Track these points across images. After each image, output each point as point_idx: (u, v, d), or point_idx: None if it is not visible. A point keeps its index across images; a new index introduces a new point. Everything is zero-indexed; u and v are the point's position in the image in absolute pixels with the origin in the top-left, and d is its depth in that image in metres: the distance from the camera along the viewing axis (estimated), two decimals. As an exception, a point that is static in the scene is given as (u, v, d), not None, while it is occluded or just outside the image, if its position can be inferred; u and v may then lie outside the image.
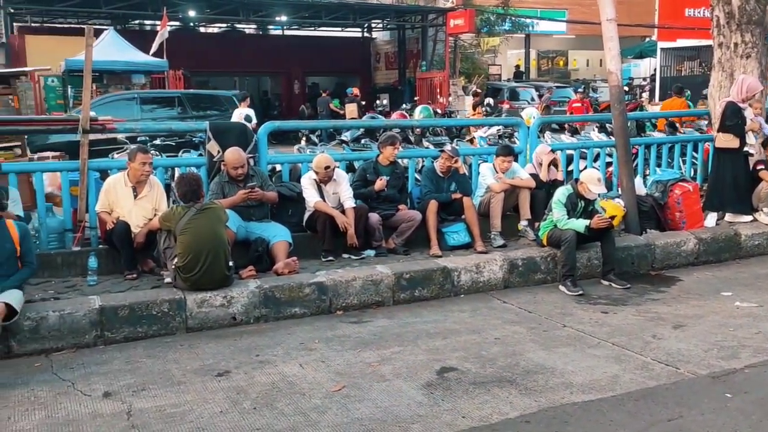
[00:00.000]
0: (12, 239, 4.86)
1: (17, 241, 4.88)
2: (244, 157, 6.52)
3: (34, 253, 5.09)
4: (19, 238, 4.89)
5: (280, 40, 30.75)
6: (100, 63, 15.03)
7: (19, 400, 4.06)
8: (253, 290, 5.60)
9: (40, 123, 6.92)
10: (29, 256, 4.98)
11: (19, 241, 4.89)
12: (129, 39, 19.58)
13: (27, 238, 4.99)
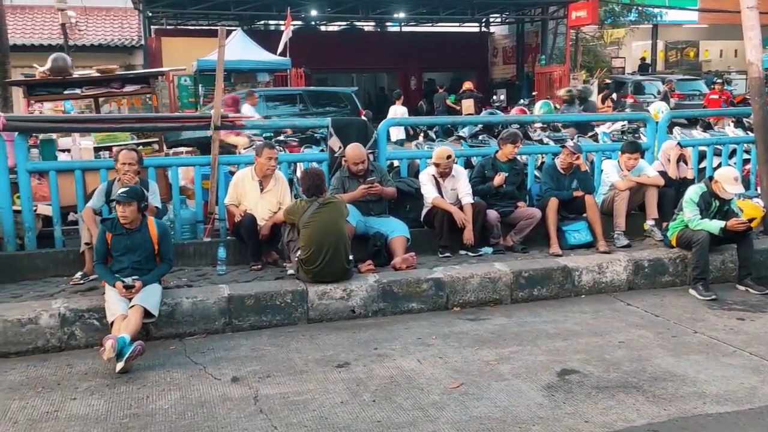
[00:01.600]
0: (152, 239, 5.18)
1: (156, 240, 5.19)
2: (365, 153, 6.62)
3: (172, 251, 5.39)
4: (158, 237, 5.19)
5: (397, 36, 31.01)
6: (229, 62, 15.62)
7: (156, 381, 4.34)
8: (371, 284, 5.69)
9: (176, 120, 7.35)
10: (168, 254, 5.28)
11: (158, 240, 5.20)
12: (255, 39, 20.40)
13: (166, 237, 5.27)
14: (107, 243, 5.13)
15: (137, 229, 5.14)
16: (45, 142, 6.80)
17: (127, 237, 5.11)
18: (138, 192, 5.14)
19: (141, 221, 5.17)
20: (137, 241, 5.13)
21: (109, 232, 5.12)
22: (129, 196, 5.04)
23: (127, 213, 5.03)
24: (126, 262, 5.10)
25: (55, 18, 20.33)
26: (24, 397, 4.12)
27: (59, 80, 7.66)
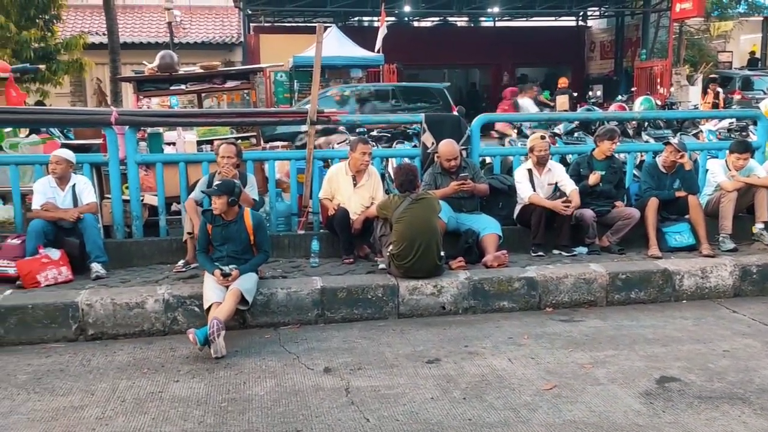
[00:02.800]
0: (247, 230, 5.34)
1: (251, 231, 5.35)
2: (458, 149, 6.59)
3: (268, 241, 5.53)
4: (253, 228, 5.35)
5: (490, 31, 30.64)
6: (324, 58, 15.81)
7: (252, 368, 4.48)
8: (462, 281, 5.66)
9: (274, 115, 7.54)
10: (264, 245, 5.43)
11: (253, 230, 5.36)
12: (348, 35, 20.66)
13: (261, 228, 5.42)
14: (208, 233, 5.34)
15: (234, 220, 5.32)
16: (152, 136, 7.13)
17: (225, 228, 5.30)
18: (229, 186, 5.29)
19: (237, 213, 5.34)
20: (234, 232, 5.31)
21: (209, 223, 5.33)
22: (219, 190, 5.22)
23: (218, 205, 5.21)
24: (224, 251, 5.29)
25: (162, 17, 21.28)
26: (131, 377, 4.34)
27: (166, 77, 8.02)
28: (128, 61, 18.38)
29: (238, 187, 5.40)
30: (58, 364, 4.57)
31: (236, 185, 5.38)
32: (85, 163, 6.58)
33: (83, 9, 23.24)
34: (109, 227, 6.63)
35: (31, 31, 14.47)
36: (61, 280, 5.68)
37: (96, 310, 5.11)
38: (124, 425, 3.67)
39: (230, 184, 5.33)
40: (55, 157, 6.07)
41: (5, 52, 13.82)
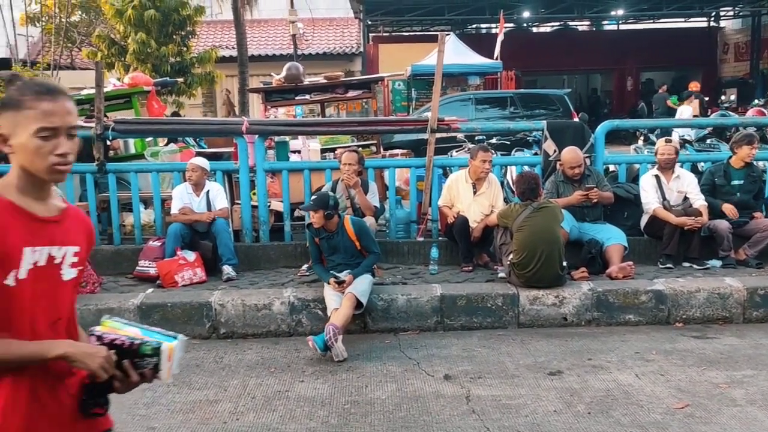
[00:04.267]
0: (350, 238, 5.43)
1: (355, 238, 5.43)
2: (581, 157, 6.43)
3: (375, 242, 5.58)
4: (355, 235, 5.43)
5: (613, 35, 29.61)
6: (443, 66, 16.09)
7: (373, 372, 4.57)
8: (585, 292, 5.51)
9: (395, 123, 7.67)
10: (371, 246, 5.48)
11: (357, 237, 5.43)
12: (466, 42, 20.62)
13: (363, 232, 5.47)
14: (317, 245, 5.48)
15: (336, 231, 5.42)
16: (279, 144, 7.44)
17: (330, 239, 5.42)
18: (324, 199, 5.36)
19: (338, 224, 5.42)
20: (339, 242, 5.41)
21: (315, 236, 5.47)
22: (315, 204, 5.33)
23: (315, 219, 5.32)
24: (336, 260, 5.42)
25: (286, 29, 22.13)
26: (260, 375, 4.55)
27: (292, 87, 8.34)
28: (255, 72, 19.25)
29: (334, 199, 5.48)
30: (194, 360, 4.86)
31: (331, 198, 5.46)
32: (218, 171, 6.96)
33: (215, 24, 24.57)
34: (238, 231, 6.97)
35: (169, 46, 15.48)
36: (196, 281, 6.03)
37: (227, 310, 5.40)
38: (254, 421, 3.85)
39: (325, 198, 5.40)
40: (192, 165, 6.46)
41: (146, 67, 14.86)
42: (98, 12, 18.97)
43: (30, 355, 1.67)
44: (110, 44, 15.99)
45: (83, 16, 20.25)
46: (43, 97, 1.71)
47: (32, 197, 1.77)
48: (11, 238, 1.68)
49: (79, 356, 1.70)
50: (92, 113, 7.77)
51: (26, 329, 1.70)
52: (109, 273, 6.34)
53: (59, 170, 1.74)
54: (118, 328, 1.82)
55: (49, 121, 1.70)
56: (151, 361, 1.78)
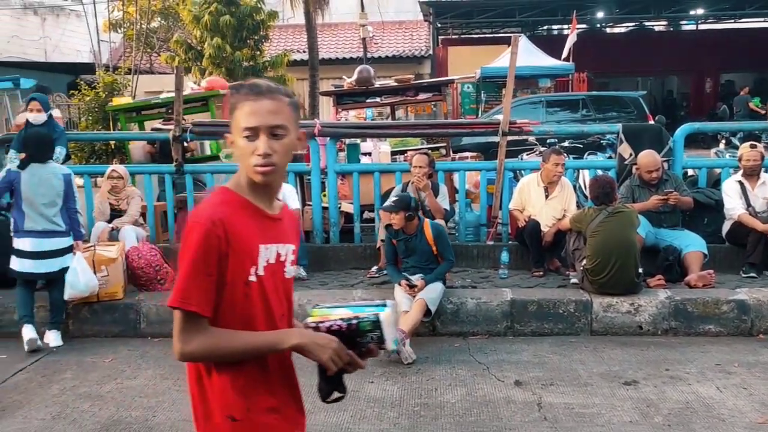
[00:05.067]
0: (428, 241, 5.41)
1: (432, 242, 5.41)
2: (659, 161, 6.24)
3: (450, 250, 5.52)
4: (434, 239, 5.40)
5: (691, 35, 28.59)
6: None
7: (443, 375, 4.55)
8: (662, 300, 5.35)
9: (466, 126, 7.63)
10: (447, 253, 5.44)
11: (434, 241, 5.40)
12: (537, 44, 20.31)
13: (441, 238, 5.44)
14: (394, 246, 5.49)
15: (414, 234, 5.41)
16: (350, 147, 7.51)
17: (408, 241, 5.41)
18: (405, 201, 5.36)
19: (417, 226, 5.41)
20: (416, 244, 5.40)
21: (393, 238, 5.47)
22: (396, 206, 5.32)
23: (396, 220, 5.31)
24: (411, 262, 5.41)
25: (356, 33, 22.32)
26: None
27: (363, 90, 8.40)
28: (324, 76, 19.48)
29: (415, 201, 5.46)
30: (266, 358, 4.94)
31: (412, 200, 5.45)
32: (290, 172, 7.07)
33: (286, 29, 25.00)
34: (309, 232, 7.06)
35: (243, 51, 15.82)
36: (268, 280, 6.13)
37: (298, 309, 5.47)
38: (325, 419, 3.89)
39: (406, 200, 5.40)
40: (265, 167, 6.58)
41: (221, 71, 15.24)
42: (176, 18, 19.60)
43: (267, 345, 1.73)
44: (187, 49, 16.47)
45: (162, 22, 20.95)
46: (249, 97, 1.72)
47: (260, 195, 1.79)
48: (251, 236, 1.73)
49: (311, 347, 1.72)
50: (171, 116, 8.04)
51: (263, 326, 1.75)
52: (185, 271, 6.52)
53: (259, 171, 1.72)
54: (329, 314, 1.81)
55: (249, 121, 1.71)
56: (374, 335, 1.76)
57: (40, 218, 5.22)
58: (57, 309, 5.37)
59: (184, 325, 1.68)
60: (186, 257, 1.67)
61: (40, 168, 5.28)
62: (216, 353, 1.71)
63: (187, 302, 1.66)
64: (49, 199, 5.25)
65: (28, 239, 5.22)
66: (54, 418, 4.00)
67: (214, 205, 1.73)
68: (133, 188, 6.84)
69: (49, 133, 5.95)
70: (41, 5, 21.12)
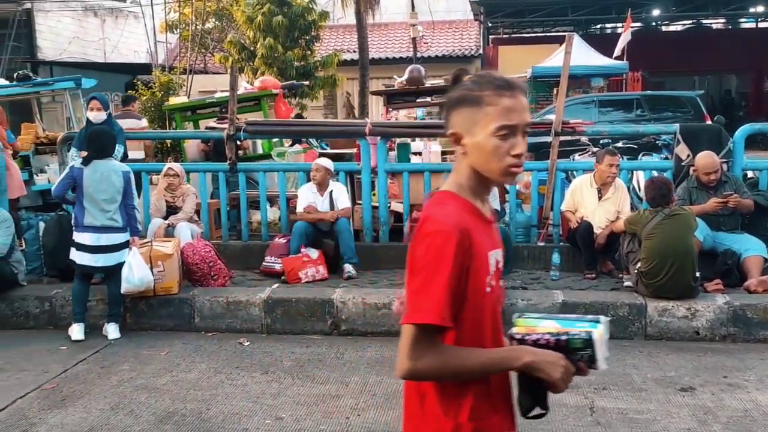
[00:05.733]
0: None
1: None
2: (718, 162, 6.07)
3: (510, 257, 5.48)
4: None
5: (751, 33, 27.70)
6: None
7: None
8: (720, 306, 5.21)
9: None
10: (507, 256, 5.42)
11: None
12: (590, 43, 19.98)
13: (506, 242, 5.43)
14: None
15: None
16: (401, 146, 7.52)
17: None
18: None
19: None
20: None
21: None
22: None
23: None
24: (469, 262, 5.38)
25: (406, 32, 22.33)
26: (380, 373, 4.62)
27: (414, 89, 8.41)
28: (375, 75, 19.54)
29: None
30: (317, 355, 5.00)
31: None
32: (341, 171, 7.12)
33: (336, 28, 25.17)
34: (359, 231, 7.10)
35: (295, 51, 16.03)
36: (318, 278, 6.21)
37: (348, 307, 5.52)
38: (375, 418, 3.92)
39: None
40: (316, 165, 6.65)
41: (273, 71, 15.46)
42: (230, 19, 19.95)
43: (499, 363, 1.60)
44: (240, 49, 16.76)
45: (216, 23, 21.35)
46: (503, 93, 1.58)
47: (480, 199, 1.68)
48: (483, 243, 1.61)
49: (542, 365, 1.58)
50: (224, 115, 8.19)
51: (489, 339, 1.64)
52: (238, 267, 6.64)
53: (513, 172, 1.61)
54: (535, 326, 1.69)
55: (508, 119, 1.57)
56: (584, 354, 1.62)
57: (100, 214, 5.39)
58: (115, 302, 5.53)
59: (418, 341, 1.53)
60: (431, 267, 1.53)
61: (101, 165, 5.45)
62: (447, 372, 1.57)
63: (434, 316, 1.51)
64: (109, 196, 5.41)
65: (87, 234, 5.39)
66: (112, 408, 4.12)
67: (454, 211, 1.59)
68: (189, 186, 6.99)
69: (109, 130, 6.13)
70: (101, 7, 21.75)
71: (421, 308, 1.53)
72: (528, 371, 1.58)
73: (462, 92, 1.63)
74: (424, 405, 1.64)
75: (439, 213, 1.59)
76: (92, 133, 5.73)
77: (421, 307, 1.53)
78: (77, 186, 5.41)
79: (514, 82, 1.61)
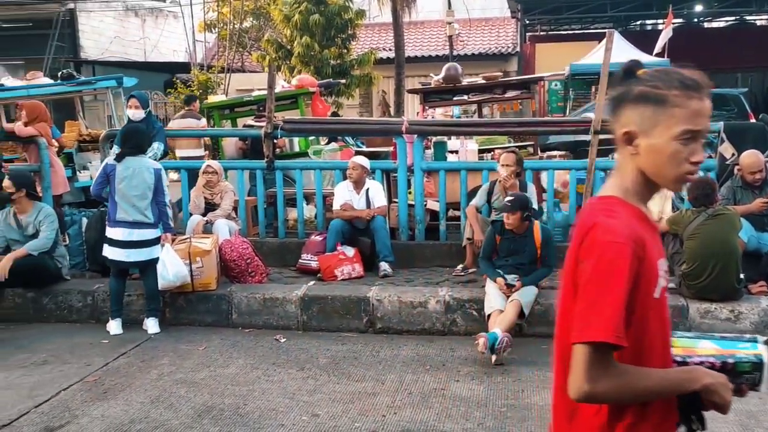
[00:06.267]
0: (535, 244, 5.30)
1: (539, 245, 5.30)
2: (763, 161, 5.94)
3: (554, 256, 5.37)
4: (541, 243, 5.29)
5: (798, 29, 27.00)
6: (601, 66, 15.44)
7: (530, 377, 4.49)
8: (765, 308, 5.11)
9: (556, 124, 7.47)
10: (550, 259, 5.32)
11: (541, 245, 5.29)
12: (629, 40, 19.65)
13: (549, 243, 5.33)
14: (495, 243, 5.42)
15: (523, 234, 5.32)
16: (437, 144, 7.49)
17: (513, 241, 5.33)
18: (522, 202, 5.28)
19: (527, 227, 5.33)
20: (521, 245, 5.31)
21: (498, 234, 5.41)
22: (513, 206, 5.24)
23: (512, 221, 5.23)
24: (509, 261, 5.33)
25: (442, 30, 22.25)
26: (415, 372, 4.61)
27: (451, 88, 8.38)
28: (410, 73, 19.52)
29: (531, 203, 5.39)
30: (352, 352, 5.02)
31: (529, 200, 5.37)
32: (378, 170, 7.13)
33: (372, 27, 25.20)
34: (394, 229, 7.09)
35: (331, 49, 16.11)
36: (354, 276, 6.22)
37: (384, 305, 5.52)
38: (411, 416, 3.91)
39: (524, 200, 5.31)
40: (353, 164, 6.66)
41: (309, 69, 15.55)
42: (267, 18, 20.12)
43: (678, 384, 1.49)
44: (277, 48, 16.89)
45: (254, 22, 21.54)
46: (692, 94, 1.47)
47: (644, 203, 1.58)
48: (653, 251, 1.51)
49: (718, 387, 1.47)
50: (262, 113, 8.26)
51: (658, 355, 1.53)
52: (274, 264, 6.68)
53: (688, 180, 1.52)
54: (692, 346, 1.61)
55: (695, 123, 1.47)
56: (749, 377, 1.55)
57: (132, 209, 5.48)
58: (153, 297, 5.62)
59: (594, 361, 1.41)
60: (603, 281, 1.42)
61: (133, 161, 5.53)
62: (627, 394, 1.45)
63: (609, 334, 1.40)
64: (140, 192, 5.50)
65: (119, 229, 5.49)
66: (153, 401, 4.19)
67: (625, 219, 1.49)
68: (227, 183, 7.07)
69: (143, 127, 6.23)
70: (142, 7, 22.12)
71: (593, 325, 1.41)
72: (704, 394, 1.48)
73: (644, 88, 1.50)
74: (573, 422, 1.55)
75: (611, 222, 1.47)
76: (125, 131, 5.82)
77: (594, 324, 1.41)
78: (110, 182, 5.49)
79: (703, 82, 1.50)
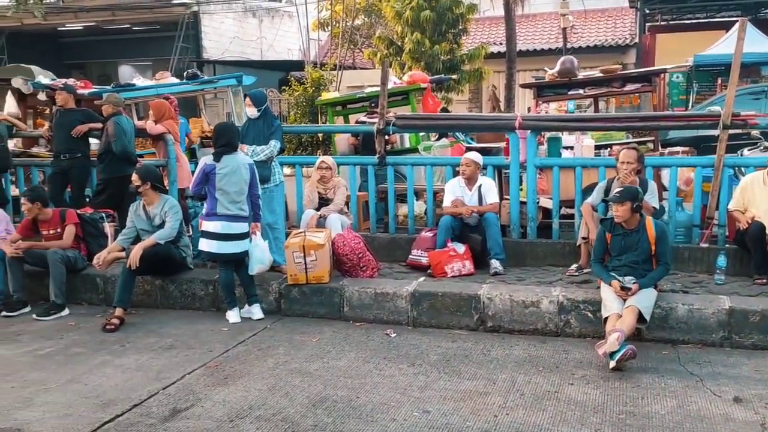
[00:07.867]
0: (649, 240, 5.07)
1: (653, 241, 5.06)
2: None
3: (670, 253, 5.16)
4: (655, 238, 5.06)
5: None
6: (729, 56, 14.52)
7: (650, 384, 4.28)
8: None
9: (680, 119, 7.08)
10: (665, 256, 5.07)
11: (655, 240, 5.05)
12: (760, 29, 18.36)
13: (664, 238, 5.09)
14: (606, 242, 5.23)
15: (635, 229, 5.10)
16: (551, 140, 7.30)
17: (625, 237, 5.12)
18: (631, 192, 5.08)
19: (639, 222, 5.12)
20: (634, 241, 5.10)
21: (608, 232, 5.21)
22: (622, 197, 5.03)
23: (620, 212, 5.03)
24: (624, 260, 5.12)
25: (555, 23, 21.67)
26: (528, 372, 4.52)
27: (565, 81, 8.14)
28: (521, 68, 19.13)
29: (641, 194, 5.19)
30: (463, 350, 4.98)
31: (639, 191, 5.18)
32: (489, 166, 7.03)
33: (483, 21, 24.89)
34: (505, 227, 6.98)
35: (442, 45, 16.02)
36: (464, 273, 6.17)
37: (495, 304, 5.44)
38: (524, 418, 3.83)
39: (633, 190, 5.13)
40: (466, 160, 6.61)
41: (420, 65, 15.55)
42: (379, 15, 20.30)
43: None
44: (389, 44, 17.01)
45: (365, 19, 21.81)
46: None
47: None
48: None
49: None
50: (374, 109, 8.34)
51: None
52: (385, 259, 6.74)
53: None
54: None
55: None
56: None
57: (232, 204, 5.70)
58: (249, 285, 5.89)
59: None
60: None
61: (230, 159, 5.73)
62: None
63: None
64: (238, 188, 5.72)
65: (219, 222, 5.70)
66: (270, 389, 4.33)
67: None
68: (340, 178, 7.19)
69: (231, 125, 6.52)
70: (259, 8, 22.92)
71: None
72: None
73: None
74: None
75: None
76: (218, 129, 6.00)
77: None
78: (209, 180, 5.71)
79: None
